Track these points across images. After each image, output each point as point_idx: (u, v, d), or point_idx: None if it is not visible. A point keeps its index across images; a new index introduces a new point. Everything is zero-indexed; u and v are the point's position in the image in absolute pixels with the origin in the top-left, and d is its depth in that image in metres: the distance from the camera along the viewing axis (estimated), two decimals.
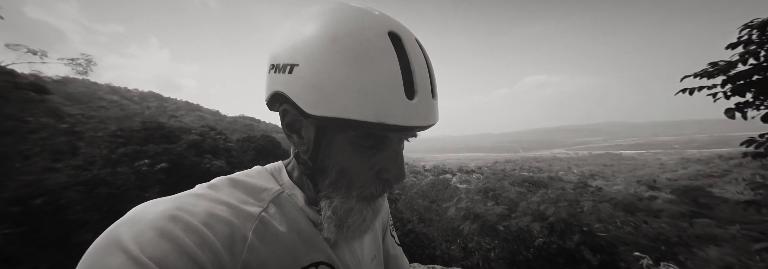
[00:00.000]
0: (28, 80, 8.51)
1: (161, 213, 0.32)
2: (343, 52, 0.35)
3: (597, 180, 58.20)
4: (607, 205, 3.39)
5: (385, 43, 0.36)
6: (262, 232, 0.38)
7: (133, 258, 0.28)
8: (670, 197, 11.56)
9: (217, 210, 0.36)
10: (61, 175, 5.84)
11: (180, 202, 0.35)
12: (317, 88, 0.35)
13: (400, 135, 0.41)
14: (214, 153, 13.76)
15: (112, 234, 0.30)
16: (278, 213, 0.41)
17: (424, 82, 0.37)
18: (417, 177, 23.13)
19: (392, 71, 0.35)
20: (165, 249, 0.29)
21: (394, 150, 0.40)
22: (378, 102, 0.34)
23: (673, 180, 25.79)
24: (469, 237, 4.41)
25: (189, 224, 0.32)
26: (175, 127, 15.51)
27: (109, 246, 0.29)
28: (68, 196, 5.27)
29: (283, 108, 0.42)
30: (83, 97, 58.91)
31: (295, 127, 0.43)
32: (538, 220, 3.36)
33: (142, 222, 0.31)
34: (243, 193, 0.41)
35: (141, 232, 0.30)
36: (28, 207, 4.70)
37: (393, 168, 0.40)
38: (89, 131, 9.63)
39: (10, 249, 4.20)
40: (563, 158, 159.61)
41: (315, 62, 0.36)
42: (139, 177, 6.83)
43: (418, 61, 0.38)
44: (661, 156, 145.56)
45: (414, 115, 0.36)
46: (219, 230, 0.34)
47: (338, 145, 0.39)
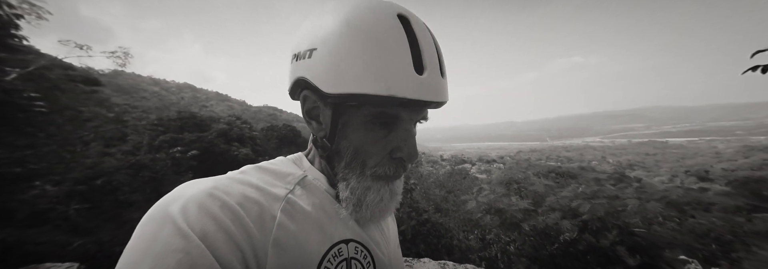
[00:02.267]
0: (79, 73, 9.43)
1: (202, 191, 0.35)
2: (355, 33, 0.38)
3: (636, 170, 53.67)
4: (658, 205, 2.97)
5: (395, 23, 0.39)
6: (290, 211, 0.40)
7: (179, 229, 0.31)
8: (724, 189, 10.25)
9: (248, 192, 0.38)
10: (113, 159, 6.57)
11: (217, 183, 0.38)
12: (334, 67, 0.39)
13: (412, 114, 0.42)
14: (241, 142, 14.63)
15: (161, 206, 0.34)
16: (304, 195, 0.43)
17: (432, 60, 0.40)
18: (434, 166, 22.97)
19: (402, 48, 0.38)
20: (206, 223, 0.32)
21: (405, 130, 0.42)
22: (389, 76, 0.37)
23: (730, 170, 22.74)
24: (487, 228, 4.28)
25: (225, 202, 0.35)
26: (206, 116, 16.61)
27: (159, 217, 0.32)
28: (119, 179, 5.95)
29: (304, 94, 0.45)
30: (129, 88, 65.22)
31: (313, 114, 0.46)
32: (568, 217, 3.09)
33: (185, 197, 0.34)
34: (270, 177, 0.44)
35: (185, 206, 0.33)
36: (90, 187, 5.39)
37: (405, 147, 0.42)
38: (133, 120, 10.66)
39: (81, 221, 4.90)
40: (597, 147, 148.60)
41: (331, 44, 0.39)
42: (175, 163, 7.50)
43: (426, 40, 0.40)
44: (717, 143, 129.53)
45: (424, 90, 0.38)
46: (250, 209, 0.37)
47: (353, 125, 0.42)
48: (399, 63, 0.37)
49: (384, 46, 0.37)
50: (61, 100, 6.50)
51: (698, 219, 4.00)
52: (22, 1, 5.69)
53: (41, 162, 4.65)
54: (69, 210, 4.73)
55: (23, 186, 4.08)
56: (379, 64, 0.37)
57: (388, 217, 0.58)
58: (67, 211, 4.70)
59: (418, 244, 4.85)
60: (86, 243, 3.66)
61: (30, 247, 3.22)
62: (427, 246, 4.74)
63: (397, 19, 0.39)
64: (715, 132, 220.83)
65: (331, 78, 0.39)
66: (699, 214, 4.45)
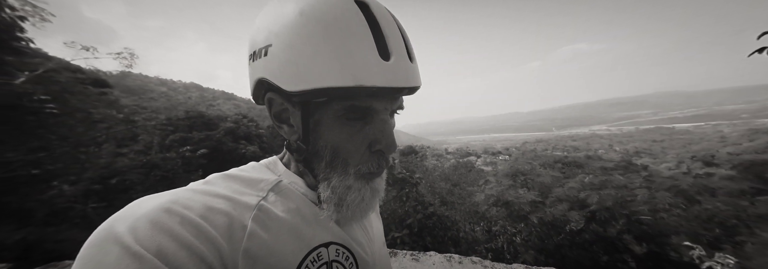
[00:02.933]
0: (87, 75, 9.52)
1: (156, 207, 0.32)
2: (312, 22, 0.35)
3: (643, 157, 52.91)
4: (667, 194, 2.94)
5: (352, 7, 0.36)
6: (262, 219, 0.38)
7: (128, 251, 0.28)
8: (729, 173, 10.06)
9: (213, 203, 0.36)
10: (126, 159, 6.71)
11: (176, 196, 0.35)
12: (292, 62, 0.36)
13: (385, 103, 0.40)
14: (248, 139, 14.79)
15: (107, 228, 0.30)
16: (279, 201, 0.41)
17: (398, 45, 0.38)
18: (439, 160, 22.94)
19: (363, 35, 0.35)
20: (161, 240, 0.29)
21: (381, 121, 0.40)
22: (354, 65, 0.34)
23: (736, 154, 22.19)
24: (493, 220, 4.31)
25: (185, 217, 0.32)
26: (214, 115, 16.74)
27: (104, 240, 0.29)
28: (132, 178, 6.11)
29: (268, 97, 0.42)
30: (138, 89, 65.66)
31: (283, 117, 0.44)
32: (576, 208, 3.09)
33: (137, 216, 0.31)
34: (239, 185, 0.41)
35: (135, 225, 0.30)
36: (105, 186, 5.56)
37: (383, 139, 0.40)
38: (143, 120, 10.82)
39: (98, 219, 5.08)
40: (604, 135, 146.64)
41: (287, 38, 0.36)
42: (185, 162, 7.64)
43: (389, 25, 0.38)
44: (723, 128, 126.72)
45: (393, 76, 0.36)
46: (216, 221, 0.34)
47: (326, 123, 0.40)
48: (362, 50, 0.35)
49: (343, 34, 0.35)
50: (71, 103, 6.61)
51: (703, 204, 3.97)
52: (25, 2, 5.68)
53: (57, 163, 4.78)
54: (86, 209, 4.90)
55: (41, 187, 4.22)
56: (341, 54, 0.34)
57: (371, 215, 0.57)
58: (85, 210, 4.88)
59: (425, 237, 4.93)
60: None
61: (50, 245, 3.35)
62: (434, 238, 4.82)
63: (354, 4, 0.36)
64: (720, 116, 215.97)
65: (292, 75, 0.36)
66: (704, 199, 4.41)
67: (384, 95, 0.38)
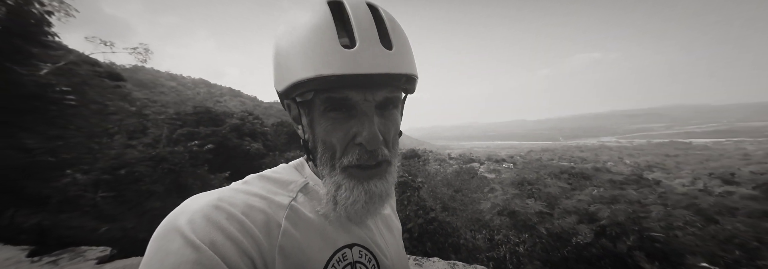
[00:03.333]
0: (104, 69, 9.87)
1: (207, 204, 0.37)
2: (287, 29, 0.40)
3: (655, 172, 51.30)
4: (687, 212, 2.82)
5: (320, 8, 0.39)
6: (294, 219, 0.41)
7: (188, 241, 0.32)
8: (751, 193, 9.63)
9: (252, 201, 0.40)
10: (135, 151, 6.89)
11: (221, 195, 0.39)
12: (278, 66, 0.42)
13: (365, 94, 0.40)
14: (253, 136, 14.98)
15: (170, 221, 0.35)
16: (307, 202, 0.44)
17: (368, 34, 0.38)
18: (441, 165, 22.78)
19: (326, 28, 0.38)
20: (214, 234, 0.33)
21: (362, 113, 0.41)
22: (314, 56, 0.37)
23: (759, 173, 21.19)
24: (496, 229, 4.23)
25: (231, 213, 0.36)
26: (220, 111, 17.04)
27: (168, 232, 0.34)
28: (140, 170, 6.25)
29: (286, 103, 0.47)
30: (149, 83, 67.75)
31: (297, 120, 0.47)
32: (585, 222, 3.00)
33: (191, 211, 0.36)
34: (273, 186, 0.45)
35: (192, 219, 0.34)
36: (115, 176, 5.71)
37: (364, 131, 0.40)
38: (153, 114, 11.10)
39: (107, 208, 5.22)
40: (613, 147, 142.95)
41: (276, 48, 0.42)
42: (192, 156, 7.77)
43: (361, 17, 0.39)
44: (746, 145, 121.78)
45: (355, 64, 0.37)
46: (256, 218, 0.38)
47: (316, 119, 0.42)
48: (323, 41, 0.37)
49: (308, 30, 0.38)
50: (89, 95, 6.84)
51: (722, 224, 3.79)
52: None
53: (71, 152, 4.93)
54: (96, 198, 5.03)
55: (56, 175, 4.35)
56: (306, 48, 0.37)
57: (392, 217, 0.59)
58: (95, 199, 5.00)
59: (425, 242, 4.87)
60: (112, 228, 3.91)
61: (63, 231, 3.47)
62: (434, 244, 4.76)
63: (325, 4, 0.39)
64: (743, 132, 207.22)
65: (279, 76, 0.42)
66: (723, 219, 4.22)
67: (355, 84, 0.38)
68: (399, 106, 0.46)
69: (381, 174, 0.43)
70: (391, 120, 0.44)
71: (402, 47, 0.41)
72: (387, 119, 0.43)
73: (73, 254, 2.03)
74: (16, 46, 4.32)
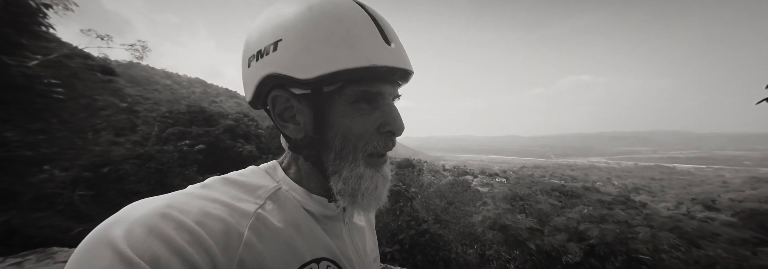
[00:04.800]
0: (97, 63, 9.71)
1: (152, 211, 0.31)
2: (321, 14, 0.38)
3: (641, 194, 52.32)
4: (671, 235, 2.88)
5: (353, 5, 0.41)
6: (259, 229, 0.37)
7: (122, 257, 0.27)
8: (730, 220, 9.90)
9: (210, 209, 0.35)
10: (122, 149, 6.63)
11: (172, 201, 0.34)
12: (306, 50, 0.38)
13: (390, 88, 0.42)
14: (247, 138, 14.73)
15: (101, 232, 0.29)
16: (276, 210, 0.41)
17: (392, 33, 0.42)
18: (435, 176, 22.76)
19: (368, 23, 0.39)
20: (155, 247, 0.29)
21: (387, 104, 0.43)
22: (364, 48, 0.38)
23: (738, 201, 21.97)
24: (487, 244, 4.18)
25: (181, 222, 0.32)
26: (215, 111, 16.81)
27: (97, 244, 0.28)
28: (125, 168, 6.01)
29: (272, 96, 0.43)
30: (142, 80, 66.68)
31: (286, 116, 0.44)
32: (575, 240, 3.01)
33: (132, 220, 0.30)
34: (238, 191, 0.40)
35: (130, 230, 0.29)
36: (97, 174, 5.45)
37: (392, 121, 0.42)
38: (145, 111, 10.84)
39: (84, 208, 4.93)
40: (603, 168, 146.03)
41: (299, 30, 0.38)
42: (181, 155, 7.56)
43: (383, 19, 0.42)
44: (724, 172, 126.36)
45: (398, 58, 0.40)
46: (213, 228, 0.33)
47: (338, 111, 0.41)
48: (370, 36, 0.38)
49: (351, 22, 0.38)
50: (78, 88, 6.67)
51: (705, 249, 3.85)
52: None
53: (53, 147, 4.72)
54: (73, 196, 4.76)
55: (33, 170, 4.13)
56: (352, 38, 0.37)
57: (366, 231, 0.56)
58: (72, 197, 4.74)
59: (416, 255, 4.75)
60: (87, 230, 3.66)
61: (32, 230, 3.23)
62: (425, 257, 4.64)
63: (356, 4, 0.41)
64: (722, 160, 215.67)
65: (305, 62, 0.37)
66: (704, 244, 4.29)
67: (389, 77, 0.41)
68: None
69: (387, 160, 0.46)
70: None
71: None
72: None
73: (41, 255, 1.88)
74: (6, 36, 4.21)
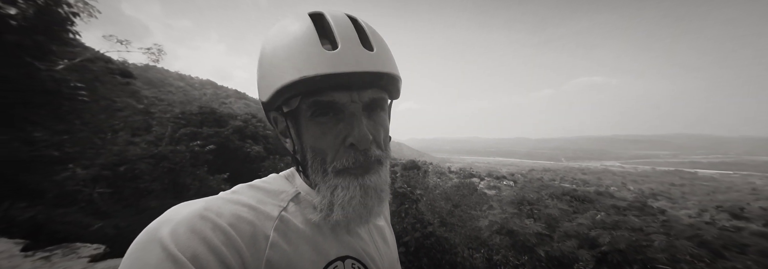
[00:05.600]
0: (117, 66, 10.17)
1: (192, 213, 0.35)
2: (269, 41, 0.42)
3: (660, 200, 50.01)
4: (688, 244, 2.73)
5: (301, 18, 0.41)
6: (283, 230, 0.40)
7: (168, 253, 0.30)
8: (762, 230, 9.31)
9: (240, 212, 0.38)
10: (137, 149, 6.91)
11: (208, 204, 0.38)
12: (261, 77, 0.43)
13: (351, 95, 0.40)
14: (255, 139, 15.03)
15: (152, 231, 0.33)
16: (298, 212, 0.43)
17: (348, 36, 0.40)
18: (441, 178, 22.49)
19: (308, 34, 0.39)
20: (196, 246, 0.32)
21: (350, 114, 0.41)
22: (297, 60, 0.38)
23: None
24: (495, 248, 4.10)
25: (217, 224, 0.35)
26: (225, 113, 17.23)
27: (149, 242, 0.32)
28: (140, 167, 6.25)
29: (272, 116, 0.47)
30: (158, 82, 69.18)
31: (284, 132, 0.47)
32: (586, 247, 2.91)
33: (176, 221, 0.34)
34: (263, 196, 0.43)
35: (175, 230, 0.33)
36: (115, 173, 5.69)
37: (354, 131, 0.40)
38: (159, 112, 11.24)
39: (102, 205, 5.15)
40: (617, 172, 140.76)
41: (260, 59, 0.43)
42: (193, 156, 7.79)
43: (340, 21, 0.40)
44: (755, 179, 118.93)
45: (338, 63, 0.38)
46: (243, 230, 0.36)
47: (303, 126, 0.42)
48: (305, 46, 0.38)
49: (290, 38, 0.39)
50: (100, 91, 7.01)
51: (732, 260, 3.61)
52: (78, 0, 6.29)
53: (75, 147, 4.97)
54: (93, 194, 4.99)
55: (57, 169, 4.36)
56: (288, 55, 0.38)
57: (385, 229, 0.57)
58: (92, 194, 4.96)
59: (421, 258, 4.70)
60: (105, 226, 3.85)
61: (56, 226, 3.41)
62: (430, 260, 4.59)
63: (306, 15, 0.41)
64: (751, 166, 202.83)
65: (262, 86, 0.42)
66: (732, 255, 4.03)
67: (339, 85, 0.38)
68: (386, 109, 0.46)
69: (374, 168, 0.42)
70: (380, 122, 0.44)
71: (382, 49, 0.41)
72: (375, 121, 0.43)
73: (66, 250, 2.00)
74: (39, 43, 4.51)
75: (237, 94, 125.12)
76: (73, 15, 5.85)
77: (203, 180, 7.63)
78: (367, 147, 0.40)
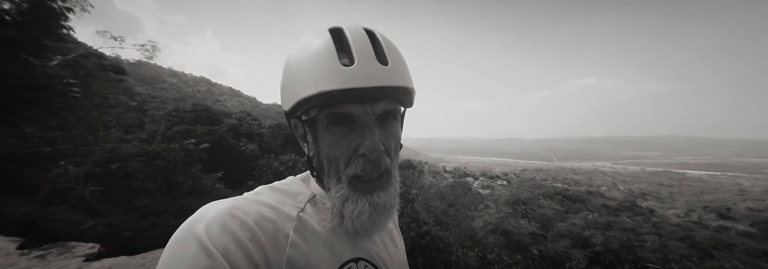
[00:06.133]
0: (110, 62, 9.96)
1: (223, 211, 0.38)
2: (294, 53, 0.44)
3: (648, 200, 51.10)
4: (681, 245, 2.81)
5: (322, 33, 0.44)
6: (302, 231, 0.42)
7: (203, 247, 0.34)
8: (748, 230, 9.59)
9: (263, 211, 0.41)
10: (130, 146, 6.78)
11: (235, 203, 0.41)
12: (285, 87, 0.46)
13: (365, 108, 0.42)
14: (249, 137, 14.86)
15: (189, 227, 0.36)
16: (315, 214, 0.45)
17: (365, 53, 0.41)
18: (436, 177, 22.61)
19: (327, 49, 0.41)
20: (227, 241, 0.35)
21: (363, 125, 0.42)
22: (316, 75, 0.40)
23: (757, 210, 21.08)
24: (489, 247, 4.16)
25: (244, 221, 0.38)
26: (219, 110, 16.98)
27: (186, 237, 0.35)
28: (133, 165, 6.14)
29: (293, 122, 0.50)
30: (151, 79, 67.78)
31: (303, 138, 0.50)
32: (579, 246, 2.98)
33: (209, 218, 0.37)
34: (283, 197, 0.46)
35: (209, 226, 0.36)
36: (107, 170, 5.58)
37: (365, 142, 0.42)
38: (152, 109, 11.04)
39: (93, 203, 5.05)
40: (608, 172, 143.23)
41: (284, 71, 0.46)
42: (186, 154, 7.66)
43: (358, 38, 0.42)
44: (742, 180, 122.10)
45: (353, 78, 0.40)
46: (266, 228, 0.39)
47: (320, 135, 0.45)
48: (324, 62, 0.40)
49: (311, 53, 0.42)
50: (93, 87, 6.86)
51: (718, 260, 3.71)
52: None
53: (68, 144, 4.86)
54: (85, 191, 4.89)
55: (50, 165, 4.27)
56: (308, 70, 0.41)
57: (394, 233, 0.60)
58: (83, 192, 4.87)
59: (417, 257, 4.74)
60: (97, 224, 3.78)
61: (48, 224, 3.35)
62: (425, 259, 4.63)
63: (326, 31, 0.43)
64: (739, 168, 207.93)
65: (286, 96, 0.45)
66: (719, 254, 4.14)
67: (354, 98, 0.40)
68: (399, 119, 0.48)
69: (383, 186, 0.45)
70: (392, 132, 0.45)
71: (397, 63, 0.43)
72: (387, 131, 0.45)
73: (61, 249, 1.97)
74: (33, 38, 4.40)
75: (231, 91, 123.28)
76: (67, 10, 5.73)
77: (197, 178, 7.52)
78: (377, 157, 0.42)
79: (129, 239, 3.51)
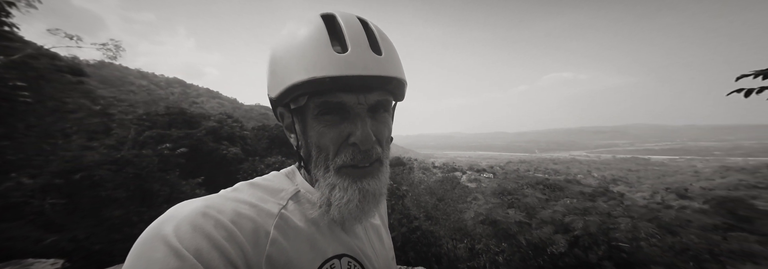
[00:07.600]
0: (65, 63, 9.11)
1: (194, 211, 0.36)
2: (280, 40, 0.43)
3: (619, 185, 55.20)
4: (650, 225, 3.05)
5: (314, 18, 0.42)
6: (283, 228, 0.41)
7: (173, 249, 0.31)
8: (703, 207, 10.64)
9: (241, 209, 0.39)
10: (96, 154, 6.28)
11: (209, 202, 0.39)
12: (272, 73, 0.43)
13: (358, 97, 0.41)
14: (231, 140, 14.27)
15: (155, 229, 0.34)
16: (297, 210, 0.44)
17: (358, 40, 0.40)
18: (426, 173, 23.05)
19: (319, 35, 0.40)
20: (199, 242, 0.33)
21: (355, 115, 0.41)
22: (307, 61, 0.39)
23: (709, 189, 23.54)
24: (477, 238, 4.30)
25: (218, 220, 0.36)
26: (196, 113, 16.16)
27: (152, 239, 0.33)
28: (101, 174, 5.68)
29: (279, 111, 0.48)
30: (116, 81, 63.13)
31: (290, 128, 0.48)
32: (560, 232, 3.15)
33: (179, 218, 0.35)
34: (263, 194, 0.44)
35: (178, 227, 0.34)
36: (68, 181, 5.12)
37: (357, 131, 0.41)
38: (119, 114, 10.27)
39: (55, 217, 4.63)
40: (583, 161, 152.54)
41: (271, 57, 0.44)
42: (162, 160, 7.23)
43: (352, 26, 0.41)
44: (696, 163, 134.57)
45: (347, 66, 0.38)
46: (244, 226, 0.37)
47: (309, 124, 0.43)
48: (316, 48, 0.39)
49: (302, 38, 0.40)
50: (46, 90, 6.24)
51: (679, 236, 4.11)
52: None
53: (19, 154, 4.40)
54: (44, 205, 4.47)
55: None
56: (299, 54, 0.39)
57: (381, 230, 0.58)
58: (43, 206, 4.44)
59: (408, 252, 4.81)
60: (60, 240, 3.45)
61: (1, 242, 3.00)
62: (417, 253, 4.71)
63: (318, 17, 0.42)
64: (694, 151, 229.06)
65: (273, 82, 0.43)
66: (678, 231, 4.59)
67: (348, 87, 0.39)
68: (390, 111, 0.47)
69: (374, 173, 0.43)
70: (383, 123, 0.44)
71: (391, 54, 0.42)
72: (379, 122, 0.44)
73: (17, 267, 1.76)
74: None
75: (209, 92, 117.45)
76: (8, 4, 5.13)
77: (174, 185, 7.11)
78: (369, 147, 0.41)
79: (99, 253, 3.26)
